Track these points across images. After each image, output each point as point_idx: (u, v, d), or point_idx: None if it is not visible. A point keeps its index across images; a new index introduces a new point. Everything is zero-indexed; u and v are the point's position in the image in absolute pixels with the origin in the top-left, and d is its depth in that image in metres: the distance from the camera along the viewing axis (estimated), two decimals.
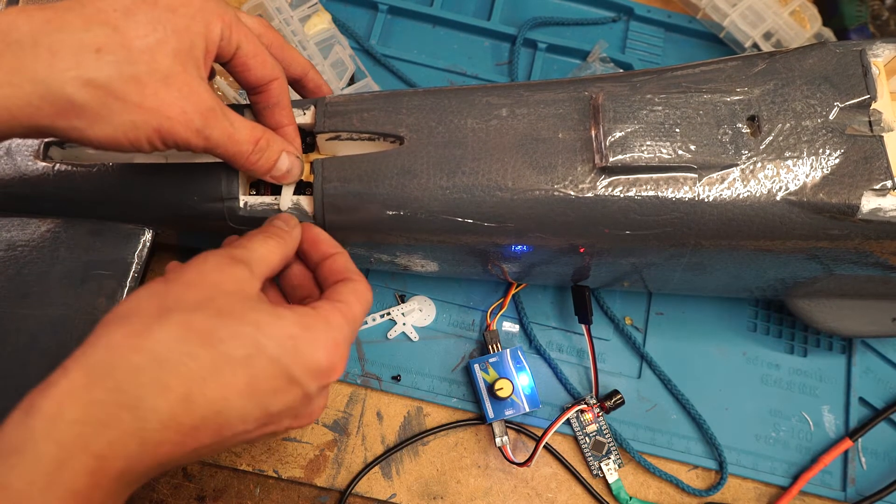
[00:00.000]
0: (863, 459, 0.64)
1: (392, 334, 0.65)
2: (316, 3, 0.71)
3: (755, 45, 0.72)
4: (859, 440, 0.64)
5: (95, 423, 0.34)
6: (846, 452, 0.64)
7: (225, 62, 0.45)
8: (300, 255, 0.48)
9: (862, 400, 0.65)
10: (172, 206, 0.51)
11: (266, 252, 0.43)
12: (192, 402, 0.35)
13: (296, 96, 0.56)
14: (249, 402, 0.37)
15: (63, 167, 0.52)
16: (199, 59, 0.42)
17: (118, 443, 0.34)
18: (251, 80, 0.47)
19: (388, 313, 0.65)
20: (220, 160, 0.45)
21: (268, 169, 0.47)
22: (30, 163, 0.52)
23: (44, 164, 0.52)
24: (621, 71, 0.73)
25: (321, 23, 0.70)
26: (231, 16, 0.43)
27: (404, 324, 0.65)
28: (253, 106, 0.49)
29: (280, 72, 0.48)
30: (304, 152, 0.52)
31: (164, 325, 0.36)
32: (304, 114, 0.52)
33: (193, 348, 0.36)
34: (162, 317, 0.36)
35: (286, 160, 0.48)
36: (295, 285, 0.48)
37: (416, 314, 0.66)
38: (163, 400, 0.35)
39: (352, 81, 0.70)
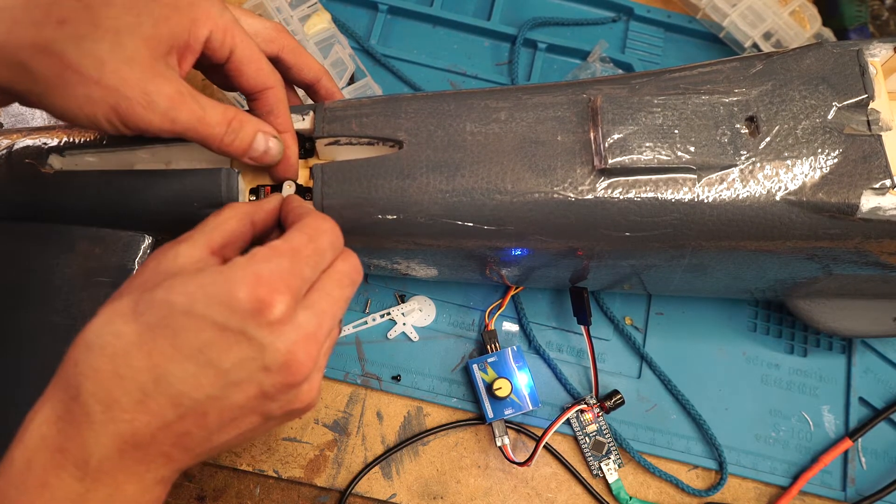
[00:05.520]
0: (863, 459, 0.64)
1: (392, 334, 0.65)
2: (315, 3, 0.71)
3: (755, 46, 0.72)
4: (859, 440, 0.64)
5: (69, 427, 0.36)
6: (846, 452, 0.64)
7: (219, 65, 0.45)
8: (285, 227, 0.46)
9: (862, 400, 0.65)
10: (172, 212, 0.51)
11: (219, 221, 0.42)
12: (124, 377, 0.35)
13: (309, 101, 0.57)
14: (189, 364, 0.36)
15: (62, 174, 0.52)
16: (173, 50, 0.42)
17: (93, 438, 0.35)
18: (244, 85, 0.47)
19: (388, 313, 0.65)
20: (222, 166, 0.45)
21: (244, 150, 0.46)
22: (29, 170, 0.52)
23: (43, 171, 0.52)
24: (621, 71, 0.73)
25: (321, 22, 0.70)
26: (227, 20, 0.43)
27: (404, 324, 0.65)
28: (251, 112, 0.49)
29: (276, 81, 0.48)
30: (303, 157, 0.52)
31: (98, 316, 0.37)
32: (304, 119, 0.52)
33: (117, 327, 0.36)
34: (101, 309, 0.37)
35: (262, 140, 0.47)
36: None
37: (416, 314, 0.66)
38: (94, 382, 0.35)
39: (352, 81, 0.70)
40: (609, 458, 0.62)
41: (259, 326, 0.36)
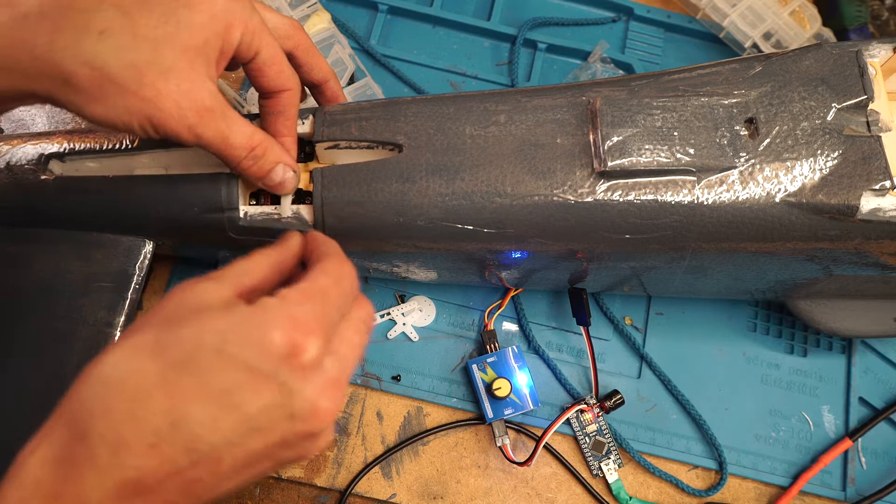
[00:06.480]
0: (863, 459, 0.64)
1: (392, 334, 0.65)
2: (315, 3, 0.71)
3: (755, 46, 0.72)
4: (859, 440, 0.64)
5: (68, 471, 0.33)
6: (846, 452, 0.64)
7: (242, 63, 0.46)
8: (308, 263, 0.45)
9: (862, 400, 0.66)
10: (172, 217, 0.51)
11: (249, 266, 0.40)
12: (139, 419, 0.33)
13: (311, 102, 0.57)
14: (212, 407, 0.33)
15: (63, 180, 0.52)
16: (210, 58, 0.42)
17: (93, 483, 0.33)
18: (263, 85, 0.47)
19: (388, 313, 0.65)
20: (222, 170, 0.45)
21: (260, 177, 0.47)
22: (30, 176, 0.52)
23: (44, 177, 0.52)
24: (621, 72, 0.73)
25: (321, 22, 0.70)
26: (256, 22, 0.43)
27: (404, 324, 0.65)
28: (260, 108, 0.49)
29: (294, 83, 0.48)
30: (303, 161, 0.52)
31: (115, 349, 0.34)
32: (304, 123, 0.52)
33: (138, 364, 0.34)
34: (118, 341, 0.35)
35: (280, 171, 0.47)
36: None
37: (416, 314, 0.66)
38: (105, 423, 0.33)
39: (351, 81, 0.70)
40: (609, 458, 0.62)
41: (292, 371, 0.34)
